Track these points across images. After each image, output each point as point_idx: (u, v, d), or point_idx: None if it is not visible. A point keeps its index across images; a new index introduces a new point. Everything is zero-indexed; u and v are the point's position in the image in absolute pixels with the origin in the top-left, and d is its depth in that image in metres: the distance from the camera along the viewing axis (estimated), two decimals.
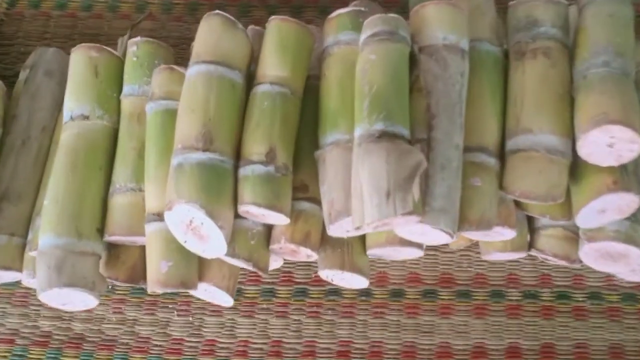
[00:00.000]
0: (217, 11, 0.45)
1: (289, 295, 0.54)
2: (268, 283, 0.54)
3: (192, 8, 0.66)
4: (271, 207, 0.41)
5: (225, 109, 0.43)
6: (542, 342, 0.51)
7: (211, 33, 0.44)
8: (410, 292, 0.53)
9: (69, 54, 0.61)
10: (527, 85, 0.44)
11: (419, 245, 0.43)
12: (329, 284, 0.49)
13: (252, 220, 0.44)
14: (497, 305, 0.52)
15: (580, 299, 0.52)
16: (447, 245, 0.49)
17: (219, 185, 0.41)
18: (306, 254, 0.45)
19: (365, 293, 0.53)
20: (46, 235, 0.44)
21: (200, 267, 0.45)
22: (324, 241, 0.45)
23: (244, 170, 0.42)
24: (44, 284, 0.43)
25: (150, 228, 0.44)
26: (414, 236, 0.41)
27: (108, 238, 0.46)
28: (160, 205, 0.43)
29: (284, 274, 0.54)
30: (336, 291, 0.53)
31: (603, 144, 0.40)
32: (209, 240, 0.42)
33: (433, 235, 0.39)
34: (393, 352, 0.51)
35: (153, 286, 0.43)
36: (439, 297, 0.53)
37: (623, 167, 0.41)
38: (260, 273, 0.45)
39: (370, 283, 0.48)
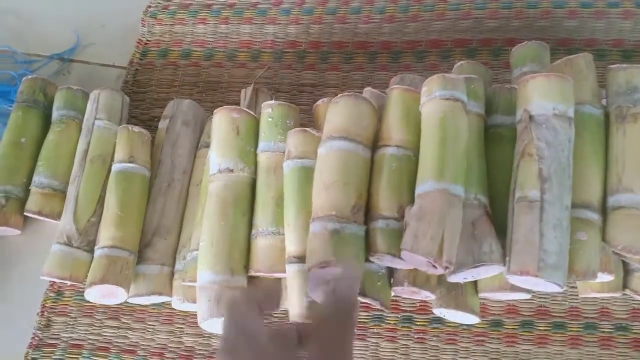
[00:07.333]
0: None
1: (396, 322, 0.60)
2: (377, 310, 0.60)
3: (300, 56, 0.74)
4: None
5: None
6: None
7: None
8: (508, 322, 0.58)
9: (197, 100, 0.69)
10: (628, 147, 0.48)
11: (528, 291, 0.49)
12: (433, 313, 0.55)
13: (378, 265, 0.50)
14: (591, 336, 0.57)
15: None
16: None
17: None
18: (426, 295, 0.51)
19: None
20: (205, 272, 0.52)
21: None
22: (440, 282, 0.51)
23: (378, 224, 0.48)
24: (206, 315, 0.51)
25: (292, 268, 0.51)
26: (526, 285, 0.46)
27: (252, 274, 0.54)
28: (299, 250, 0.50)
29: (392, 302, 0.60)
30: (439, 320, 0.58)
31: None
32: None
33: (545, 285, 0.45)
34: None
35: (295, 317, 0.51)
36: (536, 328, 0.58)
37: None
38: (384, 310, 0.51)
39: None
